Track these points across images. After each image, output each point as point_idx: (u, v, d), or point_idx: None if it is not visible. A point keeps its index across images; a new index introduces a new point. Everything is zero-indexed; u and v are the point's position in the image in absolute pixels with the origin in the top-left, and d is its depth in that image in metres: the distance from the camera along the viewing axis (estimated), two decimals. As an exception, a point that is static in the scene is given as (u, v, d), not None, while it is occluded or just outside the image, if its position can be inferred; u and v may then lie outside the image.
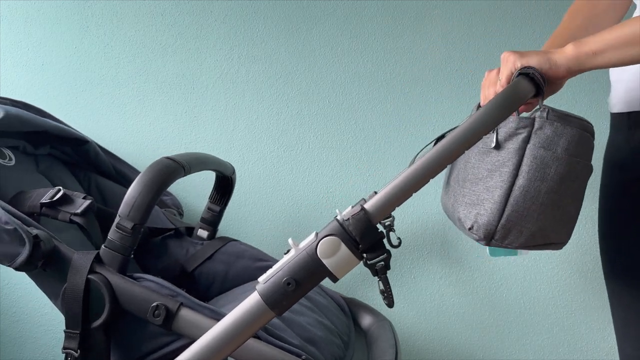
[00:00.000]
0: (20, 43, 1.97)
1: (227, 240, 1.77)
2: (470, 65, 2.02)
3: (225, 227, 1.91)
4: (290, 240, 1.10)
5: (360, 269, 1.09)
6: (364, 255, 1.07)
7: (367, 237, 1.06)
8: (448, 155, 1.07)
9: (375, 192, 1.09)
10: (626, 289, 1.39)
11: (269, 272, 1.09)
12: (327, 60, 2.02)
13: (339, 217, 1.08)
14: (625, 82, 1.34)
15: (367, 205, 1.07)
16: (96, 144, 1.78)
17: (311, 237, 1.09)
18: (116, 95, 2.00)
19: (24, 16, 1.96)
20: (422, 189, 1.09)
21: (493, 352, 2.06)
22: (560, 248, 1.20)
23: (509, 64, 1.16)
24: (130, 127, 2.00)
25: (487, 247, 1.29)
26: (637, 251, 1.35)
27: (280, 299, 1.08)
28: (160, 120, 2.01)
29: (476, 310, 2.06)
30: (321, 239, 1.07)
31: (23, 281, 1.96)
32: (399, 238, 1.10)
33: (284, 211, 2.03)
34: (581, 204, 1.18)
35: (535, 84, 1.12)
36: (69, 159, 1.75)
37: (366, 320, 1.71)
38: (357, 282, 1.99)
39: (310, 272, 1.07)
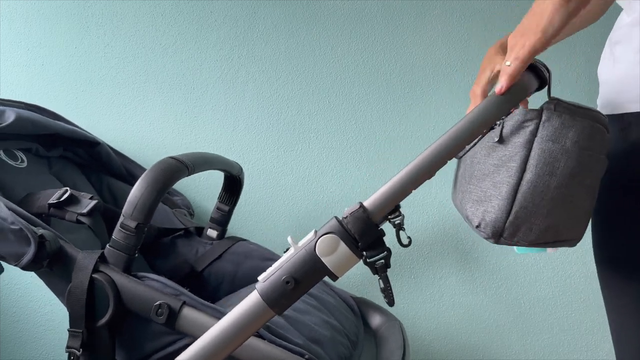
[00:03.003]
0: (20, 43, 1.97)
1: (236, 240, 1.78)
2: (471, 65, 2.02)
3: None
4: (289, 239, 1.09)
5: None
6: (364, 253, 1.06)
7: (366, 235, 1.05)
8: (446, 152, 1.05)
9: None
10: (621, 293, 1.37)
11: (269, 270, 1.08)
12: (327, 60, 2.02)
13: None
14: (613, 83, 1.31)
15: (365, 203, 1.06)
16: (108, 145, 1.79)
17: (310, 235, 1.08)
18: (116, 95, 2.00)
19: (24, 16, 1.96)
20: (423, 189, 1.09)
21: (493, 352, 2.06)
22: (574, 245, 1.16)
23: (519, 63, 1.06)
24: (130, 127, 2.00)
25: None
26: (628, 254, 1.33)
27: (279, 298, 1.07)
28: (160, 120, 2.01)
29: (476, 310, 2.05)
30: (320, 237, 1.05)
31: (23, 281, 1.97)
32: (409, 237, 1.08)
33: (283, 211, 2.03)
34: (595, 199, 1.14)
35: (539, 77, 1.08)
36: (82, 161, 1.77)
37: (376, 320, 1.70)
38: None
39: (310, 270, 1.06)
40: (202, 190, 2.01)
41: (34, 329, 1.99)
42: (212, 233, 1.77)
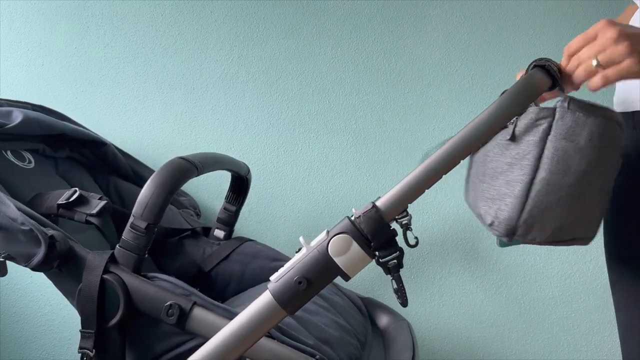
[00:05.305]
0: (20, 43, 1.96)
1: (243, 240, 1.78)
2: (471, 66, 2.02)
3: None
4: (301, 239, 1.09)
5: (378, 268, 1.08)
6: (376, 253, 1.06)
7: (379, 235, 1.05)
8: (460, 152, 1.05)
9: None
10: (629, 291, 1.37)
11: (281, 270, 1.08)
12: (327, 60, 2.02)
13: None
14: (625, 81, 1.32)
15: (378, 203, 1.06)
16: (114, 146, 1.79)
17: (322, 235, 1.08)
18: (116, 95, 1.99)
19: (24, 16, 1.96)
20: (426, 189, 1.09)
21: (493, 352, 2.06)
22: (587, 243, 1.15)
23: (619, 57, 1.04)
24: (130, 127, 2.00)
25: (495, 238, 1.25)
26: (639, 252, 1.33)
27: (291, 298, 1.07)
28: (160, 120, 2.01)
29: (476, 310, 2.06)
30: (332, 237, 1.06)
31: (23, 281, 1.96)
32: (416, 237, 1.08)
33: (283, 211, 2.03)
34: (608, 198, 1.13)
35: (550, 76, 1.08)
36: (88, 162, 1.77)
37: (383, 320, 1.70)
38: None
39: (322, 270, 1.06)
40: (208, 190, 2.00)
41: (34, 329, 1.98)
42: (219, 233, 1.77)
